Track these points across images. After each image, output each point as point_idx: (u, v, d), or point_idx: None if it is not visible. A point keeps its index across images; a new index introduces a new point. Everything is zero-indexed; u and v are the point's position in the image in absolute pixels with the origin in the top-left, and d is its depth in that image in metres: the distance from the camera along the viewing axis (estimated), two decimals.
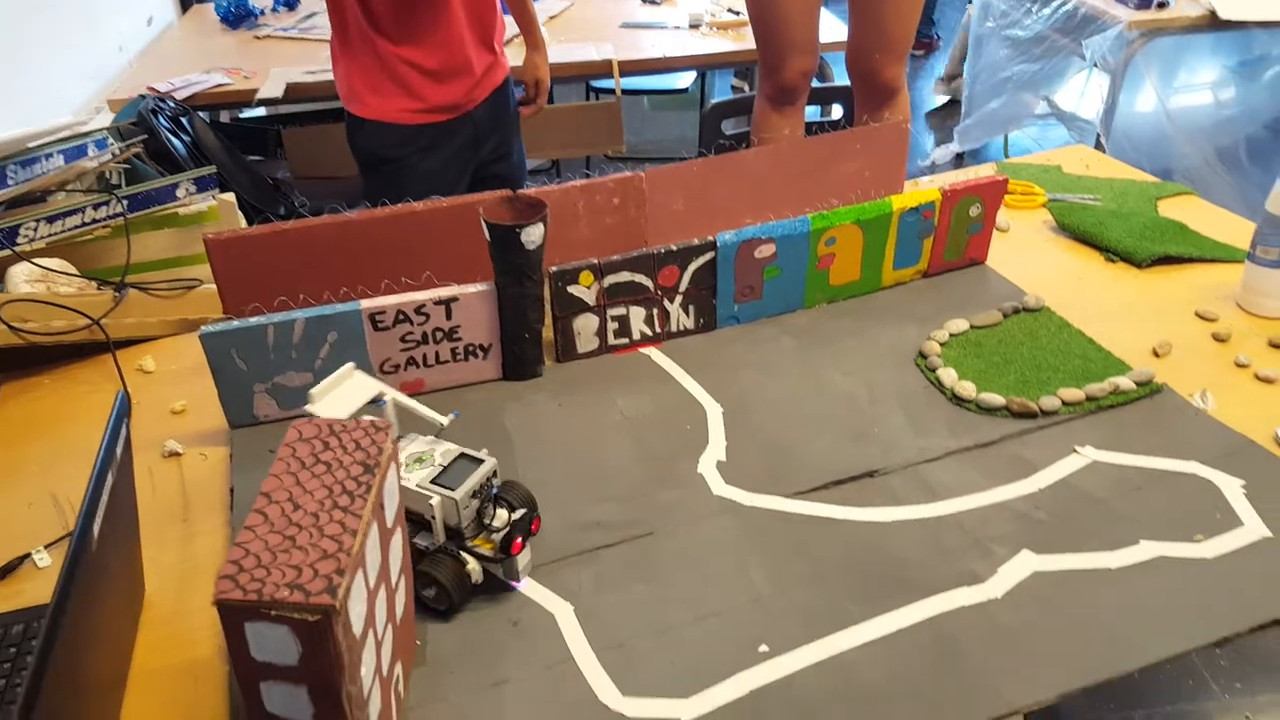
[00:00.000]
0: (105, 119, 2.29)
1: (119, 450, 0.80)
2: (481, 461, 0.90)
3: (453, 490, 0.86)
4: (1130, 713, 1.66)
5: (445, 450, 0.90)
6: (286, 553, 0.63)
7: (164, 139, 2.18)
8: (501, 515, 0.88)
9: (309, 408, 0.87)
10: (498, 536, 0.87)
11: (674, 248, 1.18)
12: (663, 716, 0.78)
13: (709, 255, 1.19)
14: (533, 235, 1.06)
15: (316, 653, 0.61)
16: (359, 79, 1.78)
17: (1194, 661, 1.73)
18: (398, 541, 0.77)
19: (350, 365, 0.93)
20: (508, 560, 0.87)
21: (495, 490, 0.90)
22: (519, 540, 0.87)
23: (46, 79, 2.43)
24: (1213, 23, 2.62)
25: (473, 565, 0.87)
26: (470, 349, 1.15)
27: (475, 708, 0.79)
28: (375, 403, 0.91)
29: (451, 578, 0.86)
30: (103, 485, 0.75)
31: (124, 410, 0.82)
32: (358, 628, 0.65)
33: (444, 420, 0.95)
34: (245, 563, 0.62)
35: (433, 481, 0.87)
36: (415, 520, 0.87)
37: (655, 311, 1.22)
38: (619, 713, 0.79)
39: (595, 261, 1.16)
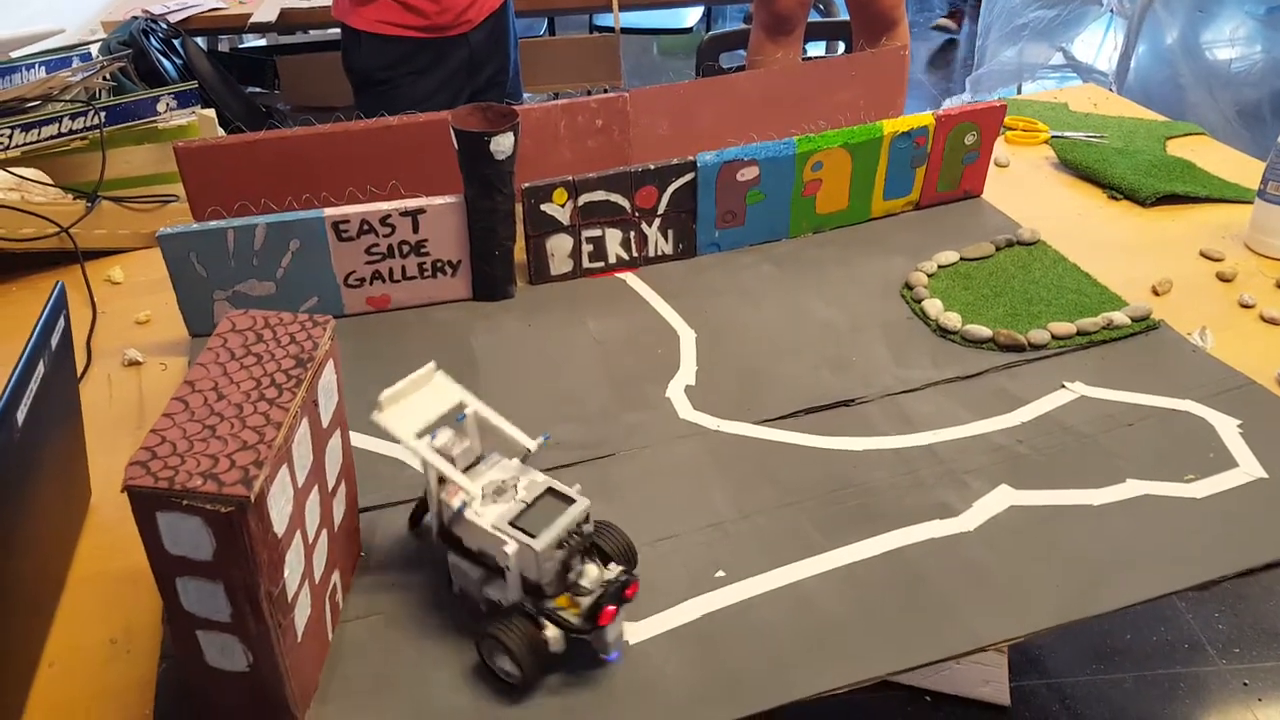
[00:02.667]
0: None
1: (53, 341, 0.76)
2: (572, 501, 0.72)
3: (534, 537, 0.69)
4: (1123, 675, 1.63)
5: (530, 482, 0.74)
6: (204, 442, 0.60)
7: (154, 59, 2.13)
8: (591, 572, 0.71)
9: (376, 417, 0.72)
10: (585, 600, 0.70)
11: (652, 166, 1.13)
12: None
13: (689, 176, 1.14)
14: (502, 144, 1.02)
15: (231, 548, 0.58)
16: None
17: (1191, 626, 1.70)
18: (336, 444, 0.73)
19: (431, 366, 0.78)
20: (595, 631, 0.71)
21: (586, 538, 0.73)
22: (610, 608, 0.69)
23: (42, 2, 2.38)
24: None
25: (552, 632, 0.70)
26: (438, 265, 1.11)
27: (415, 622, 0.76)
28: (456, 417, 0.76)
29: (523, 645, 0.69)
30: (30, 374, 0.71)
31: (60, 302, 0.79)
32: (280, 526, 0.61)
33: (533, 445, 0.78)
34: (160, 450, 0.59)
35: (511, 523, 0.70)
36: (488, 566, 0.73)
37: (632, 234, 1.17)
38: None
39: (570, 179, 1.11)
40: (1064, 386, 1.00)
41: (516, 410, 0.97)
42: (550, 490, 0.74)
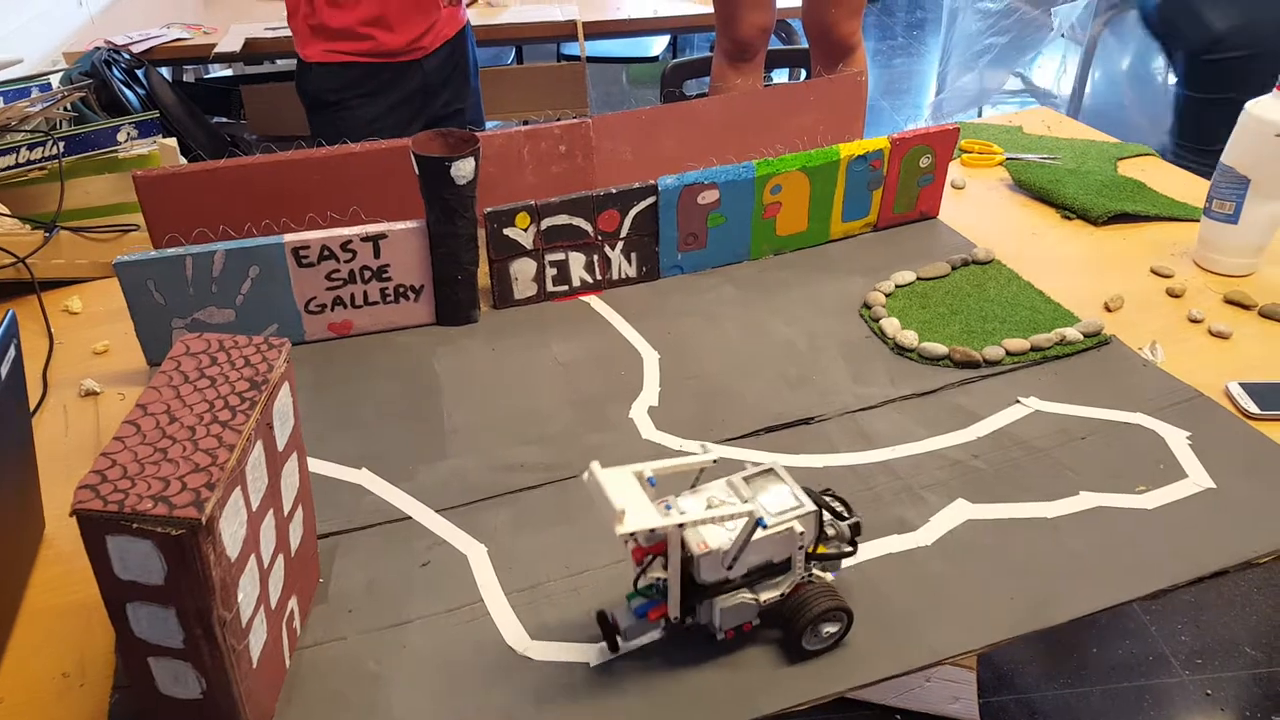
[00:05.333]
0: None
1: (2, 370, 0.76)
2: (771, 471, 0.75)
3: (800, 502, 0.72)
4: (1089, 689, 1.64)
5: (724, 486, 0.75)
6: (156, 465, 0.59)
7: (117, 90, 2.12)
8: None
9: (620, 530, 0.67)
10: (832, 531, 0.76)
11: (614, 190, 1.14)
12: (570, 660, 0.75)
13: (650, 200, 1.16)
14: (463, 169, 1.03)
15: (183, 571, 0.58)
16: (303, 21, 1.74)
17: (1155, 639, 1.71)
18: (293, 468, 0.73)
19: (594, 465, 0.71)
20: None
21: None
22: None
23: (2, 33, 2.36)
24: None
25: (829, 576, 0.76)
26: (401, 290, 1.11)
27: (373, 647, 0.76)
28: (649, 481, 0.72)
29: (834, 599, 0.73)
30: None
31: (10, 331, 0.78)
32: (233, 550, 0.61)
33: (711, 457, 0.76)
34: (110, 473, 0.59)
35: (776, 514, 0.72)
36: (766, 572, 0.73)
37: (596, 258, 1.18)
38: (525, 656, 0.75)
39: (532, 203, 1.12)
40: (1018, 402, 1.01)
41: (478, 432, 0.98)
42: (744, 478, 0.75)
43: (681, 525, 0.69)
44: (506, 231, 1.12)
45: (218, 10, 2.73)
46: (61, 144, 1.41)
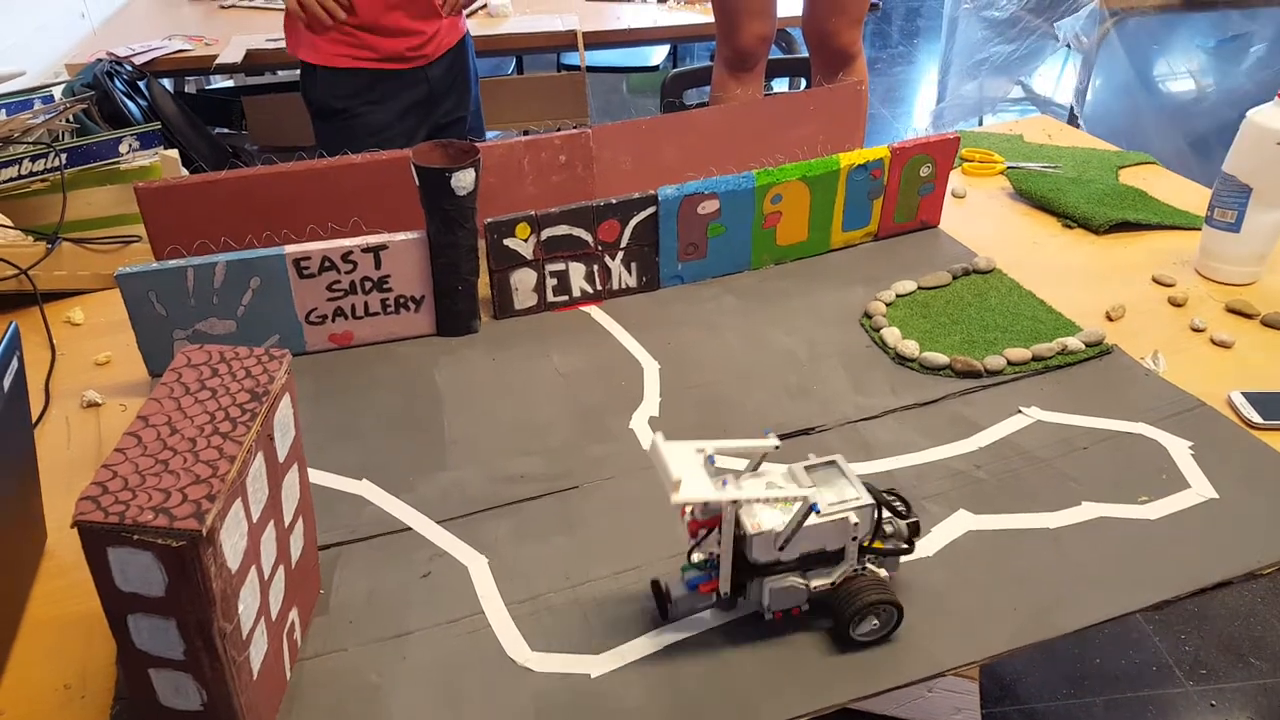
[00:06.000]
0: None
1: (4, 382, 0.76)
2: (833, 463, 0.77)
3: (858, 495, 0.74)
4: (1093, 699, 1.64)
5: (784, 473, 0.76)
6: (157, 476, 0.59)
7: (119, 102, 2.13)
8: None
9: (676, 499, 0.70)
10: (890, 529, 0.77)
11: (614, 200, 1.14)
12: (570, 671, 0.75)
13: (650, 210, 1.16)
14: (464, 180, 1.03)
15: (183, 583, 0.58)
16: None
17: (1159, 649, 1.71)
18: (294, 479, 0.73)
19: (658, 436, 0.74)
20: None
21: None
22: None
23: (5, 45, 2.37)
24: (1185, 3, 2.60)
25: (883, 571, 0.77)
26: (401, 301, 1.11)
27: (374, 659, 0.76)
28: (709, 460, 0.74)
29: (885, 591, 0.75)
30: None
31: (13, 343, 0.78)
32: (234, 561, 0.61)
33: (772, 443, 0.76)
34: (111, 485, 0.59)
35: (833, 503, 0.73)
36: (819, 560, 0.75)
37: (596, 268, 1.18)
38: (525, 667, 0.75)
39: (532, 213, 1.12)
40: (1020, 411, 1.01)
41: (479, 443, 0.98)
42: (805, 467, 0.76)
43: (735, 502, 0.71)
44: (507, 242, 1.12)
45: (219, 22, 2.74)
46: (64, 156, 1.41)
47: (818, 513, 0.72)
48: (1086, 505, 0.89)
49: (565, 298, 1.19)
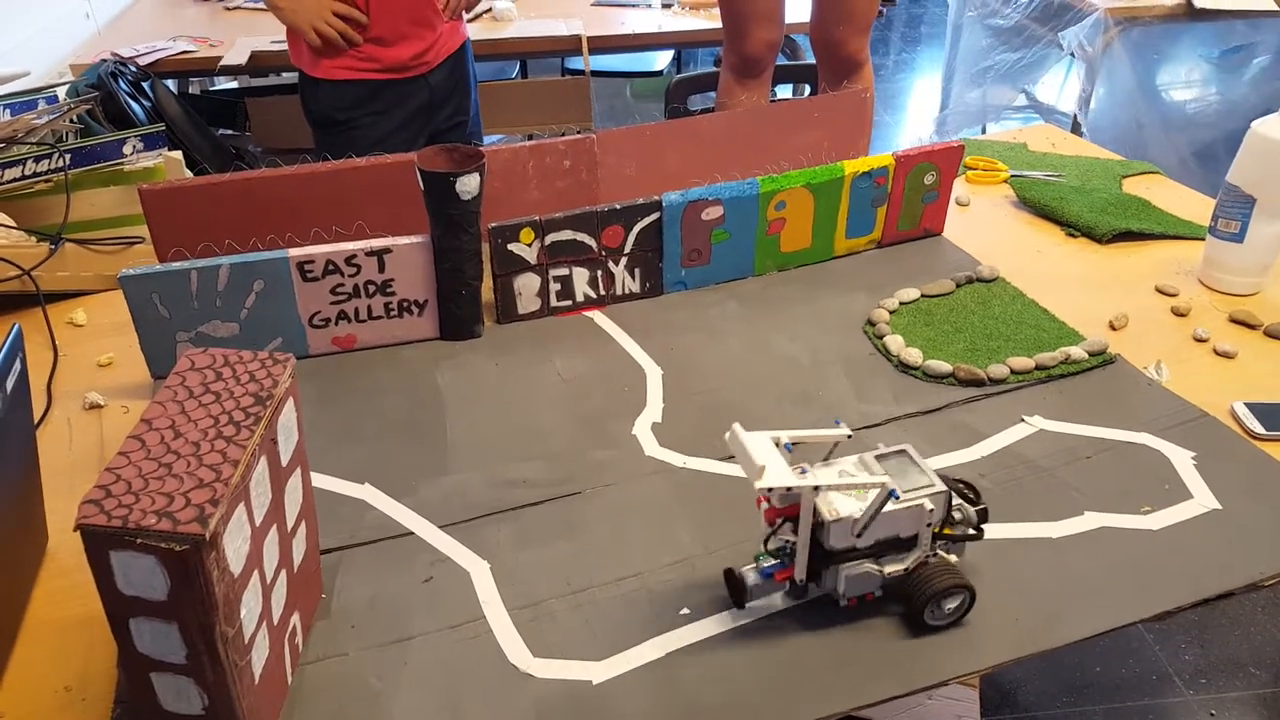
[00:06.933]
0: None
1: (8, 384, 0.76)
2: (904, 452, 0.79)
3: (932, 482, 0.76)
4: (1093, 707, 1.64)
5: (856, 463, 0.78)
6: (160, 480, 0.59)
7: (123, 102, 2.13)
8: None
9: (759, 485, 0.72)
10: (959, 516, 0.79)
11: (618, 206, 1.14)
12: (572, 678, 0.75)
13: (654, 216, 1.16)
14: (468, 185, 1.03)
15: (186, 587, 0.58)
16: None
17: (1159, 658, 1.70)
18: (296, 483, 0.73)
19: (735, 427, 0.76)
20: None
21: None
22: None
23: (10, 45, 2.38)
24: (1190, 12, 2.60)
25: (953, 556, 0.79)
26: (405, 305, 1.11)
27: (375, 664, 0.76)
28: (786, 448, 0.76)
29: (958, 576, 0.76)
30: None
31: (16, 345, 0.78)
32: (237, 565, 0.61)
33: (844, 432, 0.79)
34: (115, 489, 0.59)
35: (907, 490, 0.75)
36: (893, 546, 0.77)
37: (599, 273, 1.18)
38: (527, 673, 0.75)
39: (536, 218, 1.12)
40: (1023, 420, 1.01)
41: (481, 448, 0.98)
42: (876, 456, 0.78)
43: (816, 488, 0.73)
44: (510, 247, 1.12)
45: (224, 23, 2.74)
46: (67, 156, 1.41)
47: (897, 499, 0.73)
48: (1089, 515, 0.89)
49: (569, 303, 1.19)
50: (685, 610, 0.80)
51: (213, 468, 0.61)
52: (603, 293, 1.20)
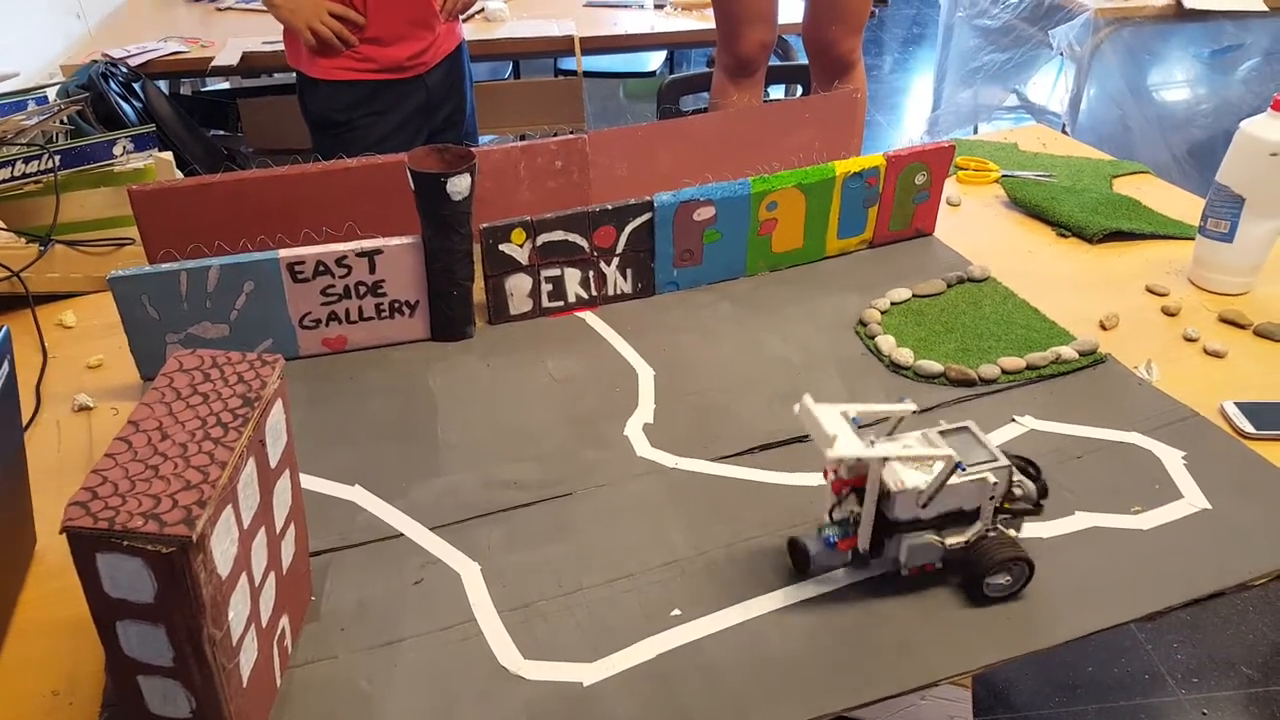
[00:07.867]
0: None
1: None
2: (966, 429, 0.81)
3: (995, 457, 0.77)
4: (1085, 707, 1.64)
5: (919, 437, 0.79)
6: (147, 482, 0.59)
7: (113, 103, 2.12)
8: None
9: (829, 453, 0.74)
10: (1019, 492, 0.80)
11: (610, 206, 1.14)
12: (563, 680, 0.75)
13: (646, 216, 1.16)
14: (459, 185, 1.03)
15: (173, 589, 0.57)
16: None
17: (1151, 657, 1.71)
18: (285, 485, 0.73)
19: (806, 398, 0.79)
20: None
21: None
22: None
23: (0, 46, 2.37)
24: (1179, 13, 2.61)
25: (1013, 531, 0.81)
26: (396, 305, 1.11)
27: (364, 666, 0.75)
28: (853, 421, 0.78)
29: (1015, 548, 0.78)
30: None
31: (5, 346, 0.78)
32: (224, 568, 0.61)
33: (909, 406, 0.81)
34: (101, 490, 0.58)
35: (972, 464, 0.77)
36: (956, 518, 0.79)
37: (591, 274, 1.18)
38: (517, 675, 0.75)
39: (528, 219, 1.12)
40: (1014, 420, 1.01)
41: (472, 449, 0.98)
42: (939, 432, 0.80)
43: (884, 459, 0.75)
44: (502, 247, 1.12)
45: (215, 24, 2.74)
46: (57, 157, 1.41)
47: (962, 471, 0.75)
48: (1079, 515, 0.90)
49: (560, 303, 1.19)
50: (676, 611, 0.80)
51: (200, 469, 0.60)
52: (594, 293, 1.20)
